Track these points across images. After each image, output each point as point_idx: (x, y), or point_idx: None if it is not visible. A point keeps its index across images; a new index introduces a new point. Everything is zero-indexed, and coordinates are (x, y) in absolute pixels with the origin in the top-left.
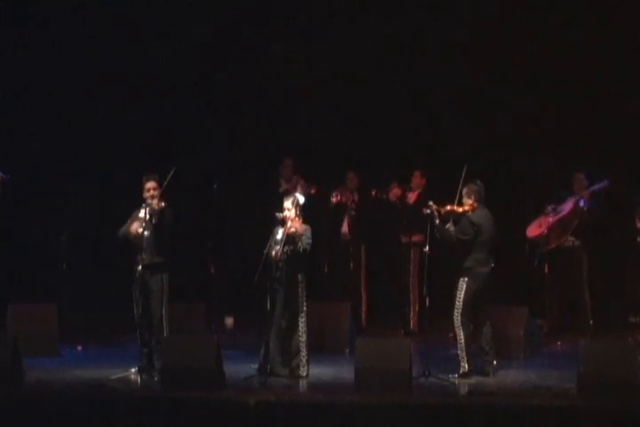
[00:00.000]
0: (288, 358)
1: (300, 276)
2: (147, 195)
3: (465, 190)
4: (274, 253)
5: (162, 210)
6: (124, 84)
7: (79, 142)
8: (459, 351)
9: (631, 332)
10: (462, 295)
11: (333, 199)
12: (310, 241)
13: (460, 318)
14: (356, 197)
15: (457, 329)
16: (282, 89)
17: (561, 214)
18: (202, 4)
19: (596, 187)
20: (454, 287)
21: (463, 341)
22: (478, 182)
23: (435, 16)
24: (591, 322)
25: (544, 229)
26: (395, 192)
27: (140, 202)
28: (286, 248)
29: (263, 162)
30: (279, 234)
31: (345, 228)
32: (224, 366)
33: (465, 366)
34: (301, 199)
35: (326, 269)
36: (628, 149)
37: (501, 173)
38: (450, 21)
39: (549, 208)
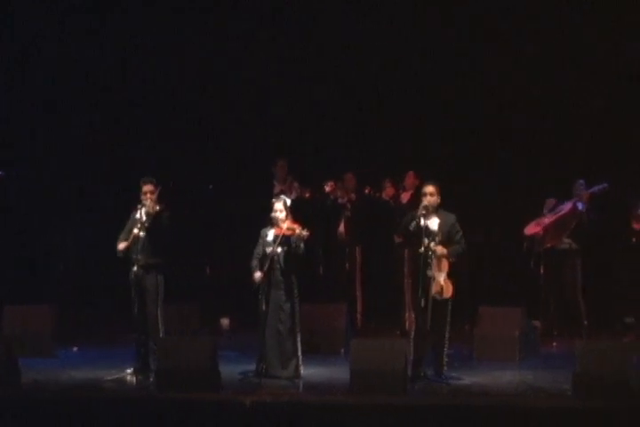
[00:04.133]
0: (287, 360)
1: (293, 276)
2: (143, 198)
3: (434, 188)
4: (267, 253)
5: (157, 214)
6: (120, 85)
7: (77, 142)
8: (449, 352)
9: (626, 333)
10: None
11: (327, 188)
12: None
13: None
14: (352, 198)
15: (448, 332)
16: (278, 89)
17: (559, 214)
18: (197, 3)
19: (595, 189)
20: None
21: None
22: None
23: (431, 16)
24: (586, 323)
25: (541, 228)
26: (388, 191)
27: (135, 203)
28: (280, 249)
29: (259, 163)
30: (269, 235)
31: (341, 228)
32: (220, 367)
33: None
34: (288, 201)
35: (322, 271)
36: (627, 153)
37: (498, 173)
38: (445, 23)
39: (547, 204)
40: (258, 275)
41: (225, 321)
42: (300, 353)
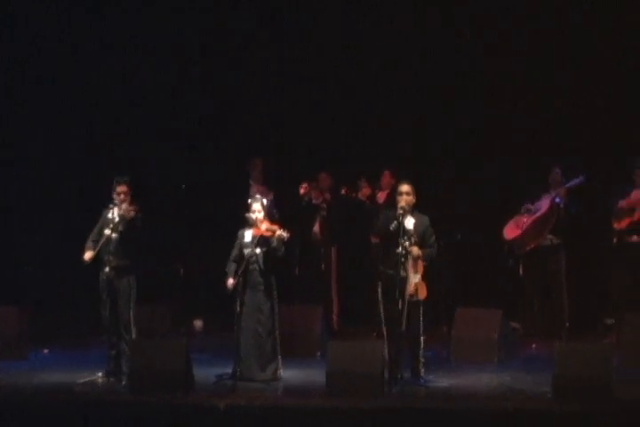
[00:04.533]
0: (266, 363)
1: (272, 277)
2: (117, 198)
3: (410, 188)
4: (245, 255)
5: (132, 218)
6: (93, 83)
7: (44, 142)
8: (426, 354)
9: (607, 334)
10: None
11: (301, 190)
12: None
13: None
14: (327, 198)
15: (422, 334)
16: (254, 87)
17: (537, 214)
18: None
19: (571, 183)
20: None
21: None
22: None
23: (402, 15)
24: (567, 324)
25: (521, 231)
26: (364, 191)
27: (107, 202)
28: (258, 250)
29: (234, 162)
30: (247, 236)
31: (316, 228)
32: (193, 369)
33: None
34: (264, 201)
35: (297, 271)
36: (605, 144)
37: (475, 172)
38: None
39: (525, 207)
40: (230, 282)
41: (198, 323)
42: (279, 355)
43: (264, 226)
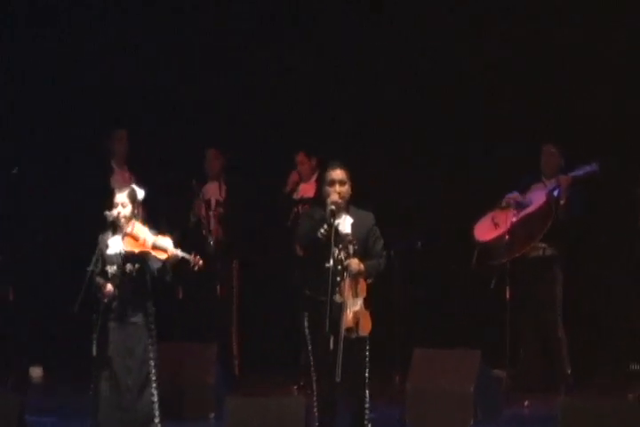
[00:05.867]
0: None
1: (148, 306)
2: None
3: (344, 173)
4: (109, 273)
5: None
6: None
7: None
8: (371, 416)
9: (632, 385)
10: None
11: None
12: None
13: None
14: (223, 189)
15: (368, 385)
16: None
17: (529, 210)
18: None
19: (579, 172)
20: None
21: None
22: None
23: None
24: (569, 371)
25: (504, 232)
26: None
27: None
28: (129, 266)
29: (88, 136)
30: (112, 246)
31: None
32: None
33: None
34: (140, 193)
35: (181, 295)
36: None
37: (437, 154)
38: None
39: (506, 200)
40: (109, 288)
41: (37, 371)
42: (157, 419)
43: (130, 228)
